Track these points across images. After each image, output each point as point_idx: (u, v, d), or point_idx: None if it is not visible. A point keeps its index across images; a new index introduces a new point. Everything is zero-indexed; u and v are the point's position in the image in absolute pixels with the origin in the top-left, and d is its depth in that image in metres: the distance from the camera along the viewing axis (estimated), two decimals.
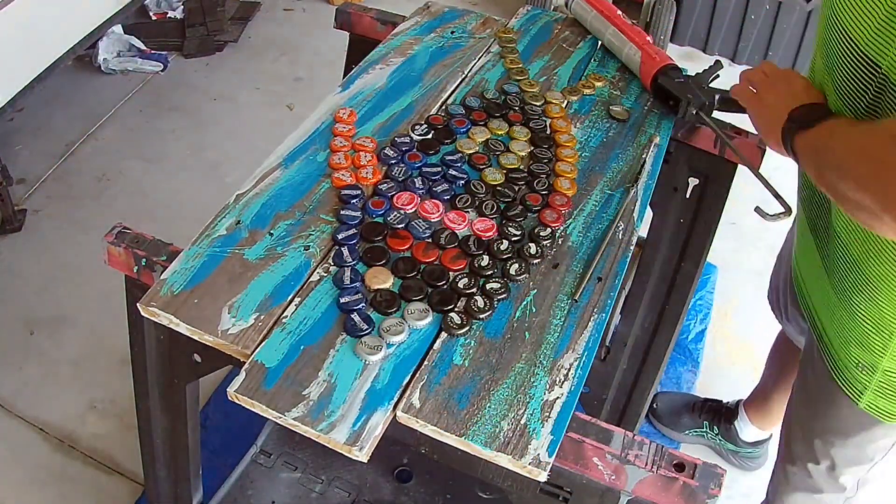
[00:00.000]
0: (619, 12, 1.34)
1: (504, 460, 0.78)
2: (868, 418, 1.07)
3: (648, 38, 1.28)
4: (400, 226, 0.99)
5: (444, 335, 0.88)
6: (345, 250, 0.95)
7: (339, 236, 0.96)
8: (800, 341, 1.44)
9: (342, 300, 0.89)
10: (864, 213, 0.78)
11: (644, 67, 1.24)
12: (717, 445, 1.83)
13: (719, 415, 1.82)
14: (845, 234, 0.98)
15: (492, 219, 1.01)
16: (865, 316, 0.99)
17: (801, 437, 1.21)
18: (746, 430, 1.78)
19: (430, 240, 0.98)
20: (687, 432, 1.85)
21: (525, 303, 0.92)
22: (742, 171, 1.32)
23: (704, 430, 1.83)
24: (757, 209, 1.03)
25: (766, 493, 1.40)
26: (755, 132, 1.08)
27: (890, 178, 0.73)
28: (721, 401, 1.85)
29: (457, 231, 0.99)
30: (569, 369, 0.85)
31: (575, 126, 1.19)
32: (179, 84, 2.80)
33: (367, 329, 0.86)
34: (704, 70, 1.22)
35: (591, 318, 0.91)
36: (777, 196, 1.03)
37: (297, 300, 0.89)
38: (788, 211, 1.01)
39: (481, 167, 1.09)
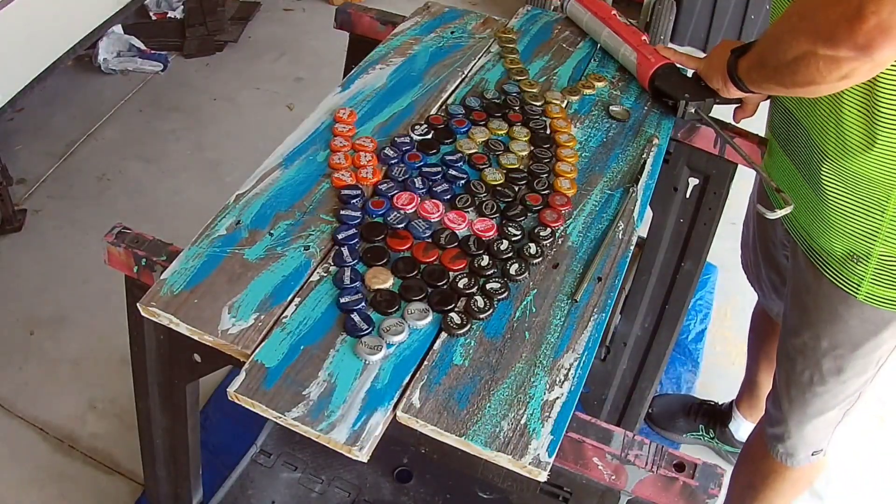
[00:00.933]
0: (614, 12, 1.34)
1: (504, 460, 0.78)
2: (872, 315, 1.09)
3: (644, 38, 1.28)
4: (400, 226, 0.99)
5: (443, 335, 0.88)
6: (345, 250, 0.95)
7: (339, 236, 0.96)
8: (773, 309, 1.47)
9: (342, 300, 0.89)
10: (807, 68, 0.89)
11: (640, 69, 1.24)
12: (716, 447, 1.83)
13: (714, 418, 1.82)
14: (812, 128, 1.04)
15: (492, 219, 1.01)
16: (851, 204, 1.03)
17: (808, 365, 1.20)
18: (742, 428, 1.78)
19: (430, 240, 0.98)
20: (684, 436, 1.85)
21: (525, 303, 0.92)
22: (742, 171, 1.32)
23: (701, 433, 1.83)
24: (758, 207, 1.04)
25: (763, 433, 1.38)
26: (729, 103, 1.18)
27: (810, 12, 0.85)
28: (716, 403, 1.85)
29: (457, 231, 0.99)
30: (569, 369, 0.85)
31: (575, 126, 1.19)
32: (179, 84, 2.80)
33: (367, 329, 0.86)
34: None
35: (591, 318, 0.91)
36: (778, 191, 1.04)
37: (297, 300, 0.89)
38: (789, 206, 1.03)
39: (481, 167, 1.09)
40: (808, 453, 1.30)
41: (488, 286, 0.92)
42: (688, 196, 1.41)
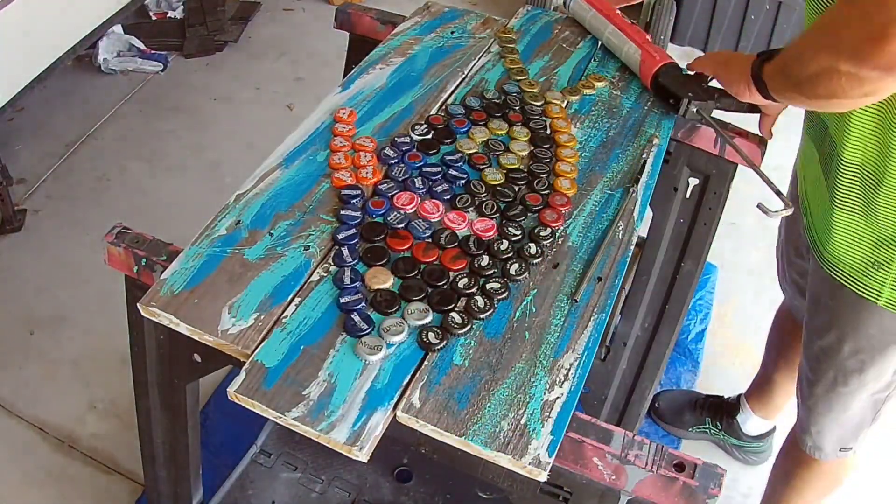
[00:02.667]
0: (618, 11, 1.34)
1: (504, 460, 0.78)
2: (891, 322, 1.10)
3: (648, 37, 1.28)
4: (400, 226, 0.99)
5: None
6: (345, 250, 0.95)
7: (339, 236, 0.96)
8: (799, 311, 1.47)
9: (342, 300, 0.89)
10: (829, 82, 0.87)
11: (644, 66, 1.24)
12: (721, 441, 1.84)
13: (721, 410, 1.83)
14: (841, 139, 1.04)
15: (492, 219, 1.01)
16: (876, 211, 1.04)
17: (832, 366, 1.21)
18: (749, 422, 1.78)
19: (430, 240, 0.98)
20: (690, 429, 1.85)
21: (525, 303, 0.92)
22: (742, 171, 1.32)
23: (707, 426, 1.84)
24: (759, 206, 1.05)
25: (792, 434, 1.42)
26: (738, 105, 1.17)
27: (833, 28, 0.85)
28: (722, 396, 1.86)
29: (457, 231, 0.99)
30: (569, 369, 0.85)
31: (575, 126, 1.19)
32: (179, 84, 2.80)
33: (367, 329, 0.86)
34: None
35: (591, 318, 0.91)
36: (778, 193, 1.04)
37: (297, 300, 0.89)
38: (789, 207, 1.03)
39: (481, 167, 1.09)
40: (836, 449, 1.33)
41: (488, 286, 0.92)
42: (688, 196, 1.41)
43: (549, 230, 1.00)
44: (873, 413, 1.27)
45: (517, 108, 1.20)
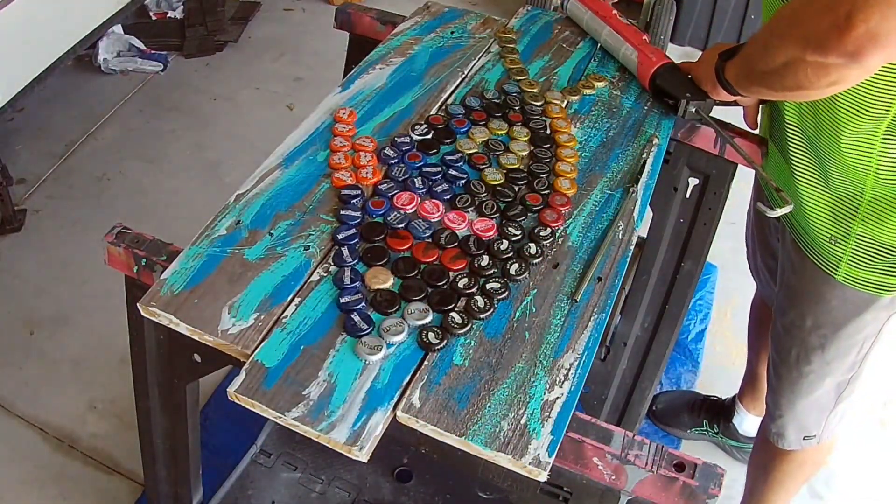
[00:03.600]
0: (615, 12, 1.34)
1: (504, 460, 0.78)
2: (853, 297, 1.12)
3: (645, 38, 1.28)
4: (400, 226, 0.99)
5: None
6: (345, 250, 0.95)
7: (339, 236, 0.96)
8: (770, 298, 1.48)
9: (342, 300, 0.89)
10: (795, 73, 0.89)
11: (641, 68, 1.24)
12: (720, 442, 1.84)
13: (718, 413, 1.83)
14: (798, 122, 1.08)
15: (492, 219, 1.01)
16: (829, 185, 1.06)
17: (794, 343, 1.24)
18: (745, 422, 1.78)
19: (430, 240, 0.98)
20: (688, 431, 1.85)
21: (525, 303, 0.92)
22: (742, 171, 1.32)
23: (705, 428, 1.84)
24: (759, 205, 1.05)
25: (764, 419, 1.43)
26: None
27: (799, 19, 0.85)
28: (720, 398, 1.86)
29: (457, 231, 0.99)
30: (569, 369, 0.85)
31: (575, 126, 1.19)
32: (179, 84, 2.80)
33: (367, 329, 0.86)
34: None
35: (591, 318, 0.91)
36: (777, 191, 1.04)
37: (297, 300, 0.89)
38: (789, 204, 1.03)
39: (481, 167, 1.09)
40: (800, 437, 1.34)
41: (488, 286, 0.92)
42: (688, 196, 1.41)
43: (549, 230, 1.00)
44: (835, 398, 1.27)
45: (517, 108, 1.20)
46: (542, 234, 0.99)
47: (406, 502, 1.55)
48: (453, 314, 0.88)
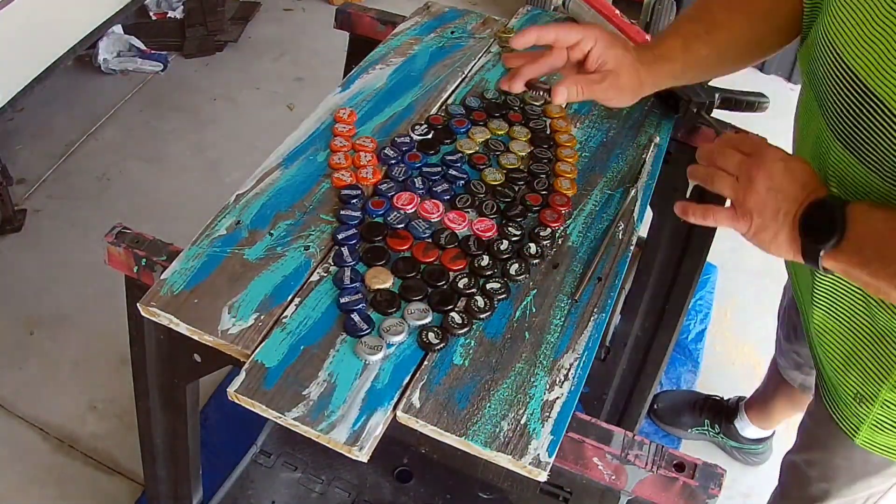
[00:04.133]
0: (618, 11, 1.34)
1: (504, 460, 0.78)
2: (866, 458, 1.03)
3: (647, 38, 1.28)
4: (400, 226, 0.99)
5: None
6: (345, 250, 0.95)
7: (339, 236, 0.96)
8: (791, 377, 1.46)
9: (342, 300, 0.89)
10: None
11: None
12: (720, 442, 1.84)
13: (720, 413, 1.83)
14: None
15: (492, 219, 1.01)
16: (864, 340, 0.93)
17: (799, 480, 1.19)
18: (748, 429, 1.78)
19: (430, 240, 0.98)
20: (689, 431, 1.85)
21: (525, 303, 0.92)
22: None
23: (706, 427, 1.84)
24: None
25: None
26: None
27: None
28: (721, 398, 1.86)
29: (457, 231, 0.99)
30: (569, 369, 0.85)
31: (575, 126, 1.19)
32: (179, 84, 2.80)
33: (367, 329, 0.86)
34: None
35: (591, 318, 0.91)
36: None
37: (297, 300, 0.89)
38: None
39: (481, 167, 1.09)
40: None
41: (488, 286, 0.92)
42: (688, 196, 1.41)
43: (549, 230, 1.00)
44: None
45: (517, 108, 1.20)
46: (542, 234, 0.99)
47: (406, 502, 1.55)
48: (453, 314, 0.88)
